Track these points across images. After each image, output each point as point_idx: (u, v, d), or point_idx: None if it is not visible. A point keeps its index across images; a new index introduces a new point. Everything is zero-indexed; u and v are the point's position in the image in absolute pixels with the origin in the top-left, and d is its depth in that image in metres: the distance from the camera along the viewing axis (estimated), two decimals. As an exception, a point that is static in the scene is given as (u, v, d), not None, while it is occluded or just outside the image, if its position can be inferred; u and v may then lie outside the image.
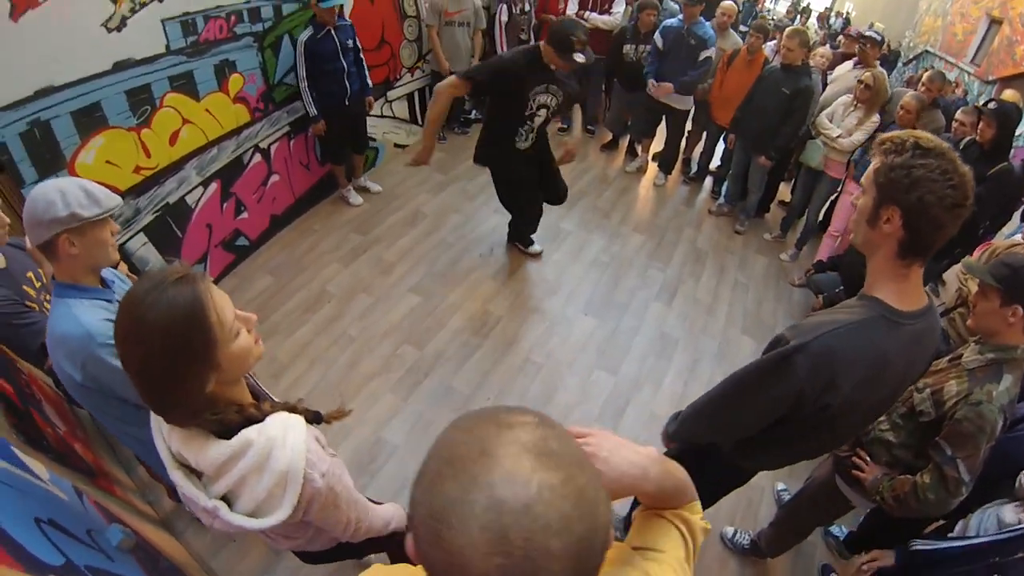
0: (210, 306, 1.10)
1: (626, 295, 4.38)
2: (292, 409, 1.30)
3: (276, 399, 1.42)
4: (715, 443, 1.89)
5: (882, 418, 2.09)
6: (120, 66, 3.29)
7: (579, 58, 3.48)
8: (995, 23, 10.49)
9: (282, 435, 1.17)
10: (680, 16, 5.16)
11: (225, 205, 4.24)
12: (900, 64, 14.41)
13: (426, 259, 4.51)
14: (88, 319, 1.61)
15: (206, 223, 4.11)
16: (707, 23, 5.16)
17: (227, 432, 1.16)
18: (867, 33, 5.17)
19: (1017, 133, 4.01)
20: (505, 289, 4.32)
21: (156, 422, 1.23)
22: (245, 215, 4.45)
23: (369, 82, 4.72)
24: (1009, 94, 7.82)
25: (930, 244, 1.34)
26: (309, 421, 1.34)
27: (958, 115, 4.19)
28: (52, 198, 1.56)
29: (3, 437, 1.81)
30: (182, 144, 3.77)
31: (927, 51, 13.43)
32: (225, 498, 1.18)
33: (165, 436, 1.20)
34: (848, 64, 5.24)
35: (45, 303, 2.27)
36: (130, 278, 3.05)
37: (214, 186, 4.10)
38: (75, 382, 1.63)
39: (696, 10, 5.01)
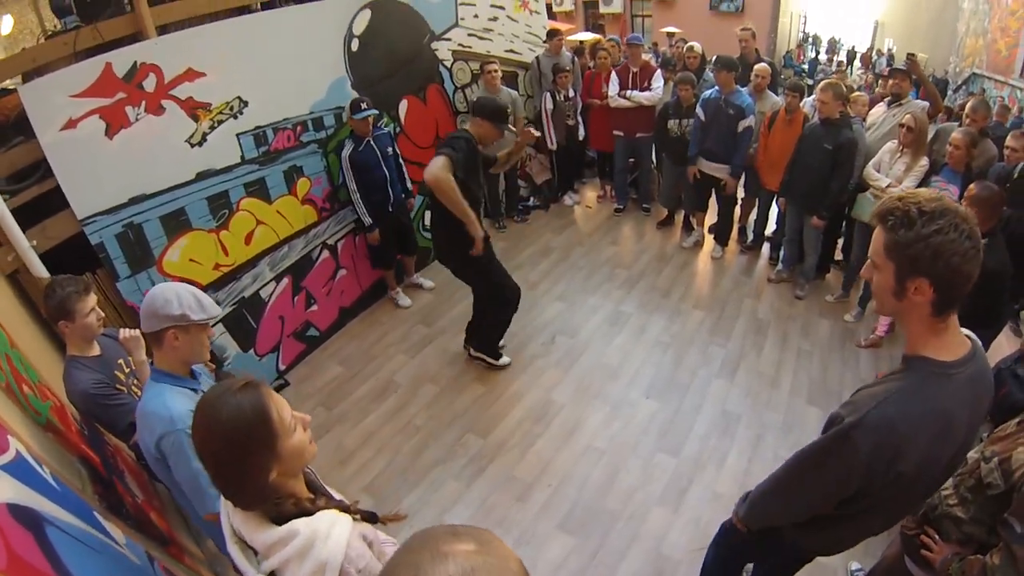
0: (271, 405, 1.27)
1: (687, 374, 4.35)
2: (346, 508, 1.41)
3: (335, 495, 1.57)
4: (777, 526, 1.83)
5: (949, 491, 1.95)
6: (202, 176, 3.75)
7: (509, 129, 3.55)
8: None
9: (327, 530, 1.28)
10: (716, 87, 5.25)
11: (296, 298, 4.56)
12: (950, 92, 14.00)
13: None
14: (174, 404, 1.88)
15: (279, 315, 4.43)
16: (743, 91, 5.22)
17: (281, 519, 1.29)
18: (897, 67, 5.10)
19: None
20: (567, 376, 4.37)
21: (222, 499, 1.37)
22: (315, 307, 4.74)
23: (409, 185, 4.97)
24: None
25: (963, 295, 1.33)
26: (365, 520, 1.46)
27: (1008, 141, 3.98)
28: (170, 297, 1.88)
29: (88, 503, 1.99)
30: (256, 243, 4.15)
31: (975, 73, 12.98)
32: (273, 574, 1.30)
33: (229, 514, 1.35)
34: (880, 107, 5.12)
35: (133, 386, 2.54)
36: (207, 367, 3.36)
37: (286, 281, 4.43)
38: (150, 453, 1.91)
39: (728, 77, 5.09)
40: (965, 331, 1.87)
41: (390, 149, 4.71)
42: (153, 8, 3.57)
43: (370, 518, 1.51)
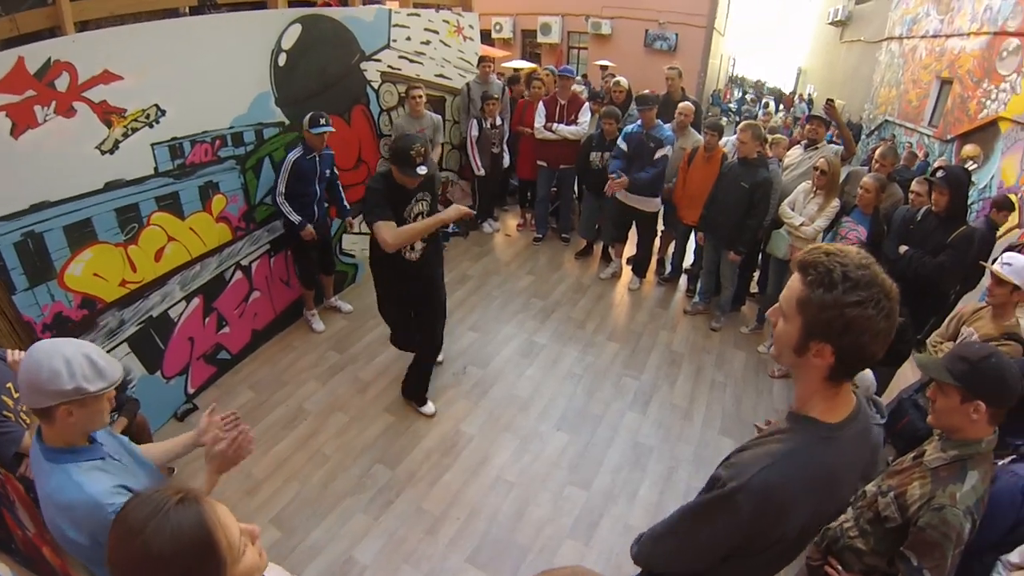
0: (217, 527, 1.04)
1: (600, 406, 4.40)
2: None
3: None
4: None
5: (850, 523, 2.04)
6: (111, 185, 3.54)
7: (421, 171, 3.38)
8: (946, 83, 10.87)
9: None
10: (639, 122, 5.42)
11: (207, 319, 4.38)
12: (864, 136, 14.90)
13: (401, 378, 4.48)
14: (92, 487, 1.57)
15: (188, 336, 4.24)
16: (665, 126, 5.43)
17: None
18: (815, 114, 5.39)
19: (981, 185, 4.08)
20: (477, 408, 4.35)
21: None
22: (227, 329, 4.57)
23: (347, 204, 4.95)
24: (969, 149, 8.16)
25: (861, 368, 1.31)
26: None
27: (913, 186, 4.31)
28: (57, 368, 1.51)
29: None
30: (167, 260, 3.96)
31: (887, 120, 13.90)
32: None
33: None
34: (797, 148, 5.43)
35: (21, 413, 2.35)
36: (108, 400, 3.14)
37: (197, 301, 4.26)
38: (82, 547, 1.58)
39: (650, 114, 5.28)
40: (866, 374, 1.92)
41: (328, 171, 4.74)
42: (74, 3, 3.41)
43: None
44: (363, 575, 3.14)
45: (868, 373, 2.88)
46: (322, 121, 4.39)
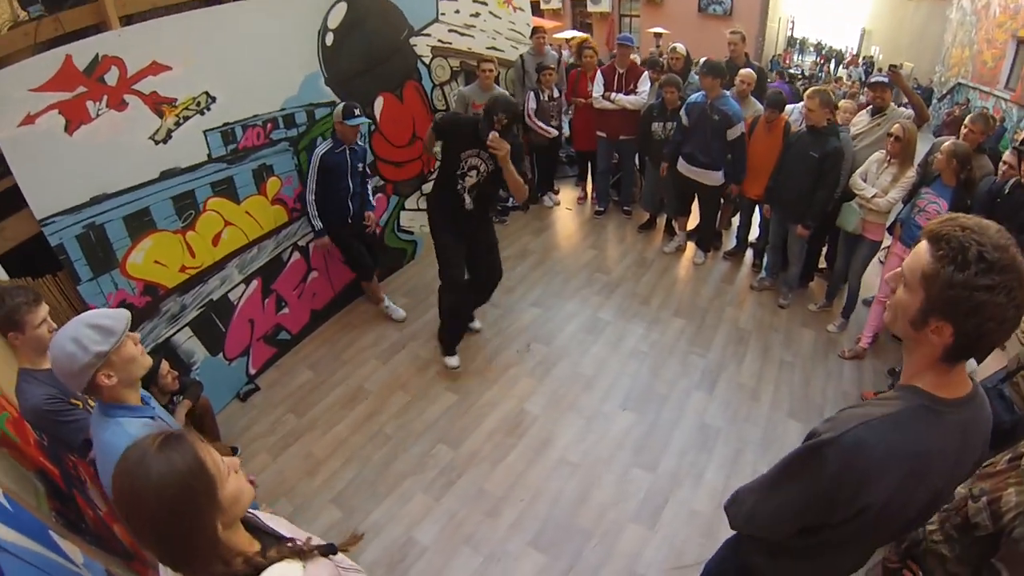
0: (204, 452, 1.17)
1: (666, 386, 4.26)
2: (300, 552, 1.30)
3: (284, 531, 1.42)
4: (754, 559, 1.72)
5: (935, 526, 1.89)
6: (167, 174, 3.58)
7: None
8: (1023, 44, 10.18)
9: None
10: (702, 91, 5.15)
11: (266, 301, 4.42)
12: (935, 100, 14.11)
13: (464, 355, 4.47)
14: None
15: (248, 318, 4.29)
16: (729, 96, 5.13)
17: None
18: (878, 80, 4.97)
19: None
20: (542, 386, 4.26)
21: (163, 569, 1.25)
22: (286, 310, 4.61)
23: (372, 200, 4.79)
24: None
25: (979, 355, 1.23)
26: (323, 554, 1.35)
27: (1005, 157, 3.98)
28: (70, 350, 1.66)
29: (43, 522, 1.89)
30: (224, 244, 4.01)
31: (960, 83, 13.14)
32: None
33: None
34: (863, 114, 5.03)
35: (89, 401, 2.37)
36: (170, 374, 3.21)
37: (255, 283, 4.30)
38: None
39: (714, 82, 4.97)
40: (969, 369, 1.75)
41: (360, 165, 4.49)
42: (117, -3, 3.42)
43: (327, 550, 1.39)
44: (423, 556, 3.12)
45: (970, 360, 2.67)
46: (356, 112, 4.17)
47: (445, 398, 4.17)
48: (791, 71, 19.91)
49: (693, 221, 6.16)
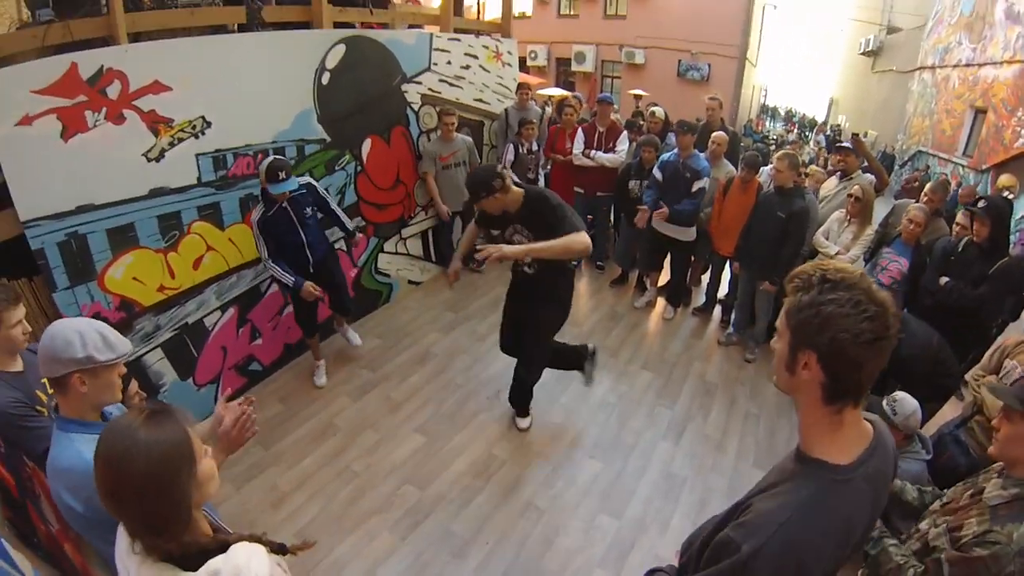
0: (188, 425, 1.26)
1: (632, 436, 4.31)
2: (257, 539, 1.35)
3: (232, 532, 1.46)
4: None
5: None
6: (155, 192, 3.62)
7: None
8: (980, 113, 10.72)
9: (247, 563, 1.22)
10: (676, 150, 5.39)
11: (241, 330, 4.41)
12: (896, 166, 14.70)
13: (433, 399, 4.52)
14: (91, 455, 1.55)
15: (221, 345, 4.28)
16: (701, 155, 5.37)
17: (193, 563, 1.21)
18: (842, 144, 5.31)
19: (1018, 215, 4.00)
20: (510, 432, 4.28)
21: (122, 557, 1.29)
22: (260, 341, 4.59)
23: (349, 226, 4.57)
24: (1005, 179, 7.97)
25: (855, 385, 1.21)
26: (273, 551, 1.39)
27: (958, 218, 4.20)
28: (71, 339, 1.66)
29: None
30: (205, 269, 4.02)
31: (920, 151, 13.73)
32: None
33: (133, 574, 1.24)
34: (833, 179, 5.35)
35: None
36: (138, 395, 3.17)
37: (232, 311, 4.30)
38: (76, 512, 1.66)
39: (688, 140, 5.24)
40: (907, 400, 1.82)
41: (309, 209, 4.18)
42: (128, 14, 3.52)
43: (279, 549, 1.44)
44: (387, 596, 3.08)
45: (911, 401, 2.80)
46: (281, 176, 3.80)
47: (414, 440, 4.15)
48: (762, 135, 20.72)
49: (664, 277, 6.29)
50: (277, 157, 4.05)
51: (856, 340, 1.13)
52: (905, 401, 2.79)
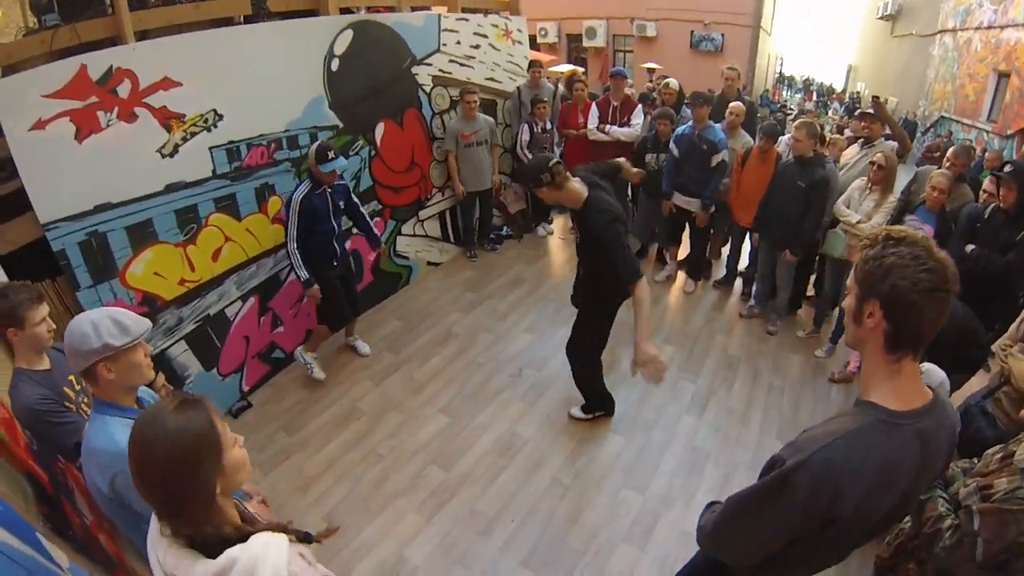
0: (216, 415, 1.30)
1: (655, 410, 4.30)
2: (282, 529, 1.37)
3: (259, 521, 1.50)
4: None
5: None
6: (171, 188, 3.66)
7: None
8: (1003, 77, 10.45)
9: (264, 552, 1.24)
10: (691, 122, 5.31)
11: (262, 319, 4.46)
12: (919, 133, 14.40)
13: (456, 379, 4.56)
14: (122, 438, 1.64)
15: (244, 335, 4.33)
16: (717, 126, 5.28)
17: (213, 551, 1.24)
18: (865, 111, 5.17)
19: None
20: (533, 410, 4.29)
21: (153, 543, 1.32)
22: (281, 329, 4.64)
23: (377, 233, 4.69)
24: None
25: (915, 333, 1.31)
26: (299, 540, 1.42)
27: (985, 184, 4.09)
28: (86, 331, 1.72)
29: (31, 524, 1.89)
30: (224, 260, 4.06)
31: (943, 116, 13.43)
32: None
33: (160, 558, 1.28)
34: (855, 147, 5.22)
35: (83, 404, 2.43)
36: (165, 388, 3.23)
37: (252, 300, 4.34)
38: (101, 492, 1.76)
39: (703, 112, 5.15)
40: (935, 371, 1.81)
41: (343, 203, 4.25)
42: (134, 13, 3.53)
43: (304, 538, 1.47)
44: (414, 575, 3.12)
45: (938, 372, 2.75)
46: (330, 155, 3.90)
47: (437, 420, 4.19)
48: (782, 104, 20.37)
49: (684, 251, 6.24)
50: (324, 140, 4.19)
51: (915, 288, 1.23)
52: (932, 372, 2.74)
